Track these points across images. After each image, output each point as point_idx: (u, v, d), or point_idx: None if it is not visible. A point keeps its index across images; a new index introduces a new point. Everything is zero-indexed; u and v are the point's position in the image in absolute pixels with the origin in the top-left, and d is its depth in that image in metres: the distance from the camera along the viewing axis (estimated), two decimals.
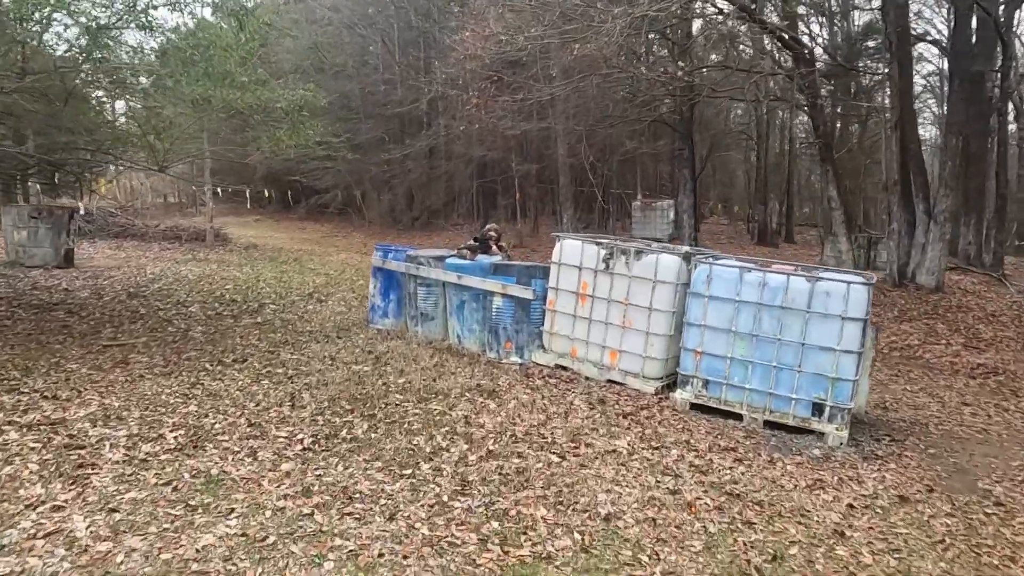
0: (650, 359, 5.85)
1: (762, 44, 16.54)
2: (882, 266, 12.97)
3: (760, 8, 11.78)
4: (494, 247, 7.78)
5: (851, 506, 3.96)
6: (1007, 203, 17.00)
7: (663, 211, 19.80)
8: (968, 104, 12.11)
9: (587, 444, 4.55)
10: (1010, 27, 14.24)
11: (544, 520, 3.46)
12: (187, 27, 7.82)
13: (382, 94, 22.84)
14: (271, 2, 17.35)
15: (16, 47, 6.38)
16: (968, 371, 7.89)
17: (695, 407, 5.50)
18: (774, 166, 24.56)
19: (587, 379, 6.11)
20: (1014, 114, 18.62)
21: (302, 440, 4.22)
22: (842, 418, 5.01)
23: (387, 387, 5.43)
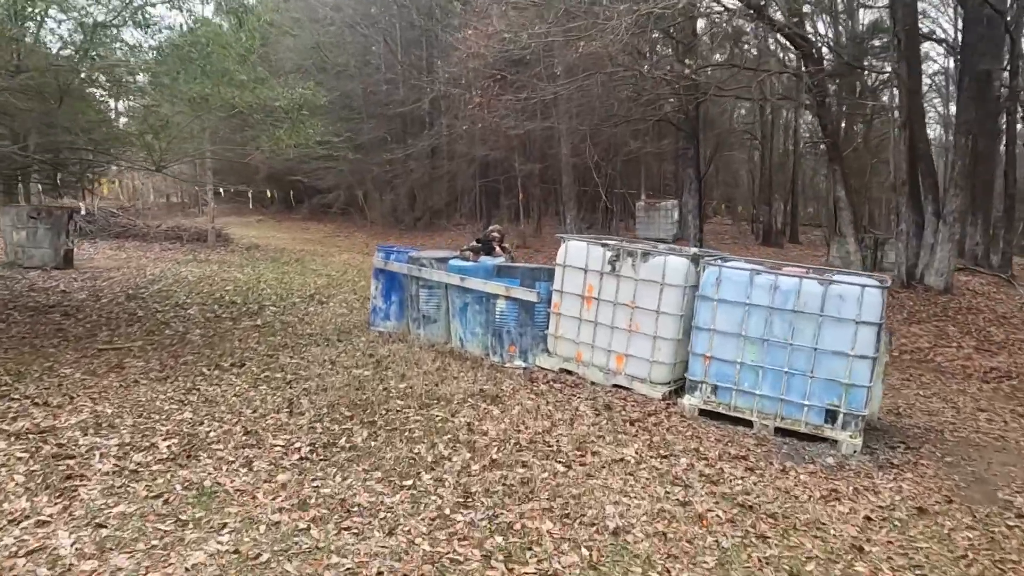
0: (657, 364, 5.71)
1: (767, 43, 16.38)
2: (889, 267, 12.81)
3: (766, 6, 11.59)
4: (497, 248, 7.63)
5: (868, 518, 3.80)
6: (1015, 203, 16.78)
7: (667, 211, 19.65)
8: (977, 103, 11.94)
9: (593, 452, 4.41)
10: (1019, 25, 14.04)
11: (550, 534, 3.32)
12: (185, 25, 7.71)
13: (384, 94, 22.73)
14: (272, 0, 17.24)
15: (11, 44, 6.26)
16: (981, 375, 7.72)
17: (704, 413, 5.35)
18: (778, 166, 24.36)
19: (593, 384, 5.97)
20: (1022, 113, 18.41)
21: (299, 449, 4.09)
22: (856, 425, 4.86)
23: (388, 392, 5.30)
